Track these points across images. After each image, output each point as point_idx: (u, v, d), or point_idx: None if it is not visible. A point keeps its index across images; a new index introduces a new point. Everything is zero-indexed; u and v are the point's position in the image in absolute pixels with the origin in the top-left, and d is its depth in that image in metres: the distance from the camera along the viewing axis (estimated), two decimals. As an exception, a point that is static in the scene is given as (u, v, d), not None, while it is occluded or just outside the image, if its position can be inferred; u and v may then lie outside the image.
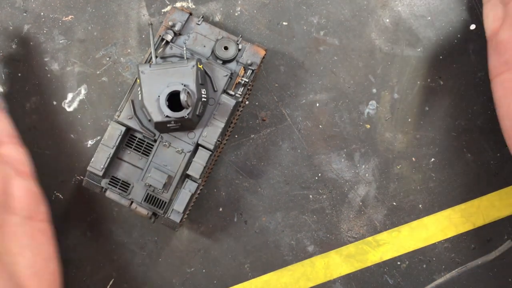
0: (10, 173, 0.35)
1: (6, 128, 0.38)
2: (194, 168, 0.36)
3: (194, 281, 0.41)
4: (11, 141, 0.37)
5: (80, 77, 0.42)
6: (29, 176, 0.37)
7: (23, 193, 0.35)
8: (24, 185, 0.35)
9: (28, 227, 0.34)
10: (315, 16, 0.42)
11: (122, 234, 0.41)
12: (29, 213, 0.35)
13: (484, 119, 0.42)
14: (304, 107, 0.42)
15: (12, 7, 0.42)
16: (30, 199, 0.35)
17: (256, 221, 0.41)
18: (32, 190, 0.36)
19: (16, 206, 0.34)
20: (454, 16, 0.42)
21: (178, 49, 0.38)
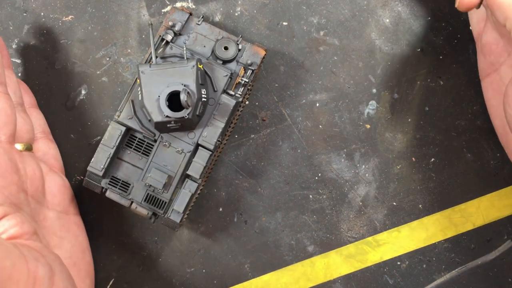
0: (46, 170, 0.36)
1: (40, 124, 0.39)
2: (194, 168, 0.36)
3: (194, 281, 0.41)
4: (45, 137, 0.39)
5: (80, 77, 0.42)
6: (61, 171, 0.39)
7: (57, 188, 0.36)
8: (58, 181, 0.37)
9: (64, 221, 0.36)
10: (315, 16, 0.42)
11: (122, 234, 0.41)
12: (64, 207, 0.37)
13: (484, 119, 0.42)
14: (304, 107, 0.42)
15: (12, 7, 0.42)
16: (64, 194, 0.37)
17: (256, 221, 0.41)
18: (65, 185, 0.37)
19: (52, 202, 0.36)
20: (454, 16, 0.42)
21: (178, 49, 0.38)
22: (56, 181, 0.36)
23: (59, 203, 0.36)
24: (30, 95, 0.40)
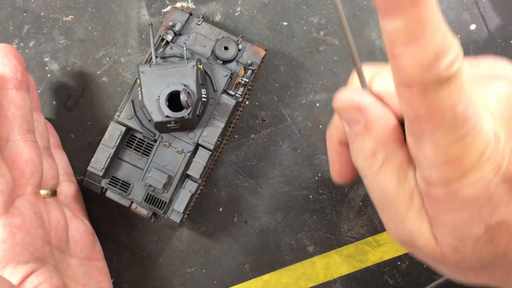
0: (69, 215, 0.35)
1: (63, 166, 0.39)
2: (194, 168, 0.36)
3: (194, 281, 0.41)
4: (68, 179, 0.38)
5: (80, 77, 0.42)
6: (84, 215, 0.38)
7: (80, 235, 0.36)
8: (81, 227, 0.36)
9: (86, 268, 0.36)
10: (315, 16, 0.42)
11: (122, 234, 0.41)
12: (87, 254, 0.36)
13: (484, 119, 0.42)
14: (304, 107, 0.42)
15: (12, 7, 0.42)
16: (87, 241, 0.36)
17: (256, 221, 0.41)
18: (88, 231, 0.37)
19: (74, 249, 0.35)
20: (454, 16, 0.42)
21: (178, 49, 0.38)
22: (79, 227, 0.36)
23: (82, 250, 0.36)
24: (54, 135, 0.40)
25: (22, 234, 0.30)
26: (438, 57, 0.18)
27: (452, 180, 0.21)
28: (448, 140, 0.21)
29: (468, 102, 0.20)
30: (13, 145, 0.32)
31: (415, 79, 0.19)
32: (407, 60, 0.19)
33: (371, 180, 0.25)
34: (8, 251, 0.30)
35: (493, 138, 0.21)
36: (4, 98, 0.32)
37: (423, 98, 0.20)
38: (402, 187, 0.24)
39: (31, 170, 0.32)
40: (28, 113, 0.33)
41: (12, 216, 0.30)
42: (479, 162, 0.21)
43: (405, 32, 0.18)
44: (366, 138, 0.24)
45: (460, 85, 0.20)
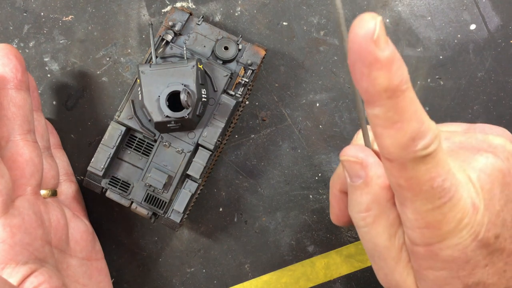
0: (69, 215, 0.36)
1: (64, 166, 0.39)
2: (194, 168, 0.36)
3: (194, 281, 0.41)
4: (68, 179, 0.38)
5: (80, 77, 0.42)
6: (84, 215, 0.38)
7: (80, 235, 0.36)
8: (81, 227, 0.36)
9: (86, 267, 0.36)
10: (315, 16, 0.42)
11: (122, 234, 0.41)
12: (87, 254, 0.36)
13: (484, 119, 0.42)
14: (304, 107, 0.42)
15: (12, 7, 0.42)
16: (86, 241, 0.36)
17: (256, 221, 0.41)
18: (88, 231, 0.37)
19: (74, 249, 0.35)
20: (454, 16, 0.42)
21: (178, 49, 0.38)
22: (79, 227, 0.36)
23: (82, 249, 0.36)
24: (55, 135, 0.40)
25: (22, 234, 0.30)
26: (414, 140, 0.21)
27: (432, 243, 0.24)
28: (426, 208, 0.23)
29: (446, 176, 0.22)
30: (13, 145, 0.32)
31: (394, 156, 0.22)
32: (386, 140, 0.21)
33: (364, 232, 0.27)
34: (7, 252, 0.30)
35: (471, 208, 0.23)
36: (4, 98, 0.32)
37: (402, 172, 0.22)
38: (392, 242, 0.26)
39: (31, 170, 0.32)
40: (29, 113, 0.33)
41: (11, 216, 0.30)
42: (457, 229, 0.23)
43: (384, 118, 0.21)
44: (363, 193, 0.26)
45: (438, 162, 0.22)
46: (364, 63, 0.20)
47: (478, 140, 0.26)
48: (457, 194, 0.23)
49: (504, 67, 0.42)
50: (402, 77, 0.20)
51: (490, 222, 0.24)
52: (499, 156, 0.25)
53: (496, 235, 0.24)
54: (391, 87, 0.20)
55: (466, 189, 0.24)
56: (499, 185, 0.24)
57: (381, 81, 0.20)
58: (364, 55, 0.20)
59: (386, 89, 0.20)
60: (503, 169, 0.25)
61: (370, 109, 0.21)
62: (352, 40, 0.20)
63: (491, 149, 0.25)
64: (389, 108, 0.20)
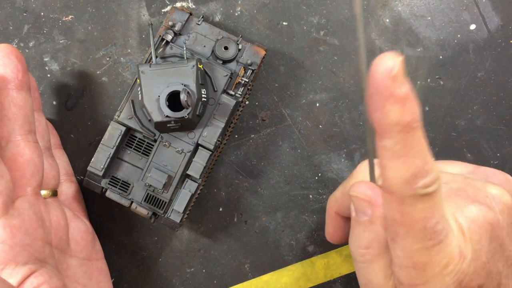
0: (70, 215, 0.36)
1: (64, 166, 0.39)
2: (194, 168, 0.36)
3: (194, 281, 0.41)
4: (68, 179, 0.38)
5: (80, 77, 0.42)
6: (84, 215, 0.38)
7: (80, 235, 0.36)
8: (81, 227, 0.36)
9: (86, 268, 0.36)
10: (315, 16, 0.42)
11: (122, 234, 0.41)
12: (87, 254, 0.36)
13: (484, 119, 0.42)
14: (304, 107, 0.42)
15: (12, 7, 0.42)
16: (87, 241, 0.36)
17: (256, 221, 0.41)
18: (88, 231, 0.37)
19: (75, 249, 0.35)
20: (454, 16, 0.42)
21: (178, 49, 0.38)
22: (79, 227, 0.36)
23: (82, 250, 0.36)
24: (55, 135, 0.40)
25: (22, 234, 0.30)
26: (416, 177, 0.22)
27: (416, 284, 0.24)
28: (416, 247, 0.24)
29: (439, 219, 0.23)
30: (14, 145, 0.32)
31: (395, 189, 0.23)
32: (390, 173, 0.23)
33: (361, 268, 0.27)
34: (7, 252, 0.29)
35: (458, 256, 0.24)
36: (5, 98, 0.32)
37: (399, 206, 0.23)
38: (387, 283, 0.27)
39: (31, 170, 0.32)
40: (29, 114, 0.33)
41: (11, 217, 0.30)
42: (441, 274, 0.24)
43: (392, 150, 0.22)
44: (366, 230, 0.26)
45: (435, 204, 0.23)
46: (381, 96, 0.21)
47: (476, 189, 0.27)
48: (446, 239, 0.24)
49: (504, 67, 0.42)
50: (413, 116, 0.22)
51: (475, 272, 0.24)
52: (493, 208, 0.26)
53: (479, 285, 0.25)
54: (402, 122, 0.21)
55: (456, 237, 0.24)
56: (488, 238, 0.25)
57: (393, 115, 0.21)
58: (381, 89, 0.21)
59: (397, 124, 0.21)
60: (494, 222, 0.25)
61: (380, 140, 0.22)
62: (373, 74, 0.22)
63: (487, 200, 0.26)
64: (397, 141, 0.22)
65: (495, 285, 0.25)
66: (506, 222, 0.26)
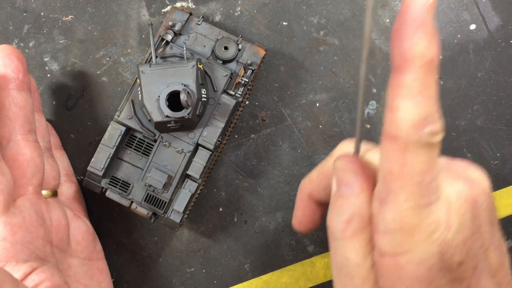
0: (70, 216, 0.36)
1: (64, 166, 0.39)
2: (194, 168, 0.36)
3: (194, 281, 0.41)
4: (68, 180, 0.38)
5: (80, 77, 0.42)
6: (85, 215, 0.38)
7: (81, 235, 0.36)
8: (82, 227, 0.36)
9: (87, 267, 0.36)
10: (315, 16, 0.42)
11: (122, 234, 0.41)
12: (88, 254, 0.36)
13: (484, 119, 0.42)
14: (304, 107, 0.42)
15: (12, 7, 0.42)
16: (87, 241, 0.36)
17: (256, 221, 0.41)
18: (89, 231, 0.37)
19: (75, 249, 0.35)
20: (454, 16, 0.42)
21: (178, 49, 0.38)
22: (80, 227, 0.36)
23: (83, 250, 0.36)
24: (54, 135, 0.40)
25: (23, 232, 0.30)
26: (426, 121, 0.22)
27: (400, 252, 0.24)
28: (407, 205, 0.23)
29: (435, 177, 0.23)
30: (15, 145, 0.32)
31: (402, 133, 0.22)
32: (400, 113, 0.22)
33: (338, 245, 0.27)
34: (8, 249, 0.30)
35: (445, 224, 0.24)
36: (6, 98, 0.33)
37: (401, 155, 0.23)
38: (365, 261, 0.26)
39: (32, 170, 0.32)
40: (30, 114, 0.33)
41: (12, 215, 0.30)
42: (427, 241, 0.23)
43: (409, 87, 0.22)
44: (349, 203, 0.26)
45: (433, 159, 0.23)
46: (414, 24, 0.21)
47: (459, 168, 0.27)
48: (437, 202, 0.23)
49: (504, 67, 0.42)
50: (436, 54, 0.21)
51: (457, 246, 0.24)
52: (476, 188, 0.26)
53: (460, 262, 0.24)
54: (427, 55, 0.21)
55: (445, 204, 0.24)
56: (471, 214, 0.25)
57: (421, 45, 0.21)
58: (416, 17, 0.21)
59: (422, 56, 0.21)
60: (477, 201, 0.25)
61: (399, 75, 0.22)
62: (407, 2, 0.21)
63: (470, 181, 0.26)
64: (417, 77, 0.21)
65: (472, 266, 0.25)
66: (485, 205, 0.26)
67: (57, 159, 0.38)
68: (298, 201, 0.33)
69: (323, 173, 0.30)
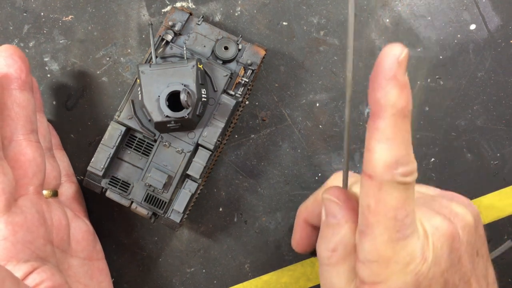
0: (70, 216, 0.36)
1: (64, 166, 0.39)
2: (194, 168, 0.36)
3: (194, 281, 0.41)
4: (69, 180, 0.39)
5: (80, 77, 0.42)
6: (85, 215, 0.38)
7: (81, 235, 0.36)
8: (82, 227, 0.36)
9: (87, 268, 0.36)
10: (315, 16, 0.42)
11: (122, 234, 0.41)
12: (88, 254, 0.36)
13: (484, 119, 0.42)
14: (304, 107, 0.42)
15: (12, 7, 0.42)
16: (88, 241, 0.36)
17: (256, 221, 0.41)
18: (89, 231, 0.37)
19: (76, 249, 0.35)
20: (454, 16, 0.42)
21: (178, 49, 0.38)
22: (80, 227, 0.36)
23: (83, 250, 0.36)
24: (55, 135, 0.40)
25: (24, 232, 0.30)
26: (397, 163, 0.24)
27: (377, 281, 0.25)
28: (383, 239, 0.25)
29: (408, 214, 0.25)
30: (16, 144, 0.32)
31: (376, 172, 0.24)
32: (376, 155, 0.24)
33: (325, 270, 0.29)
34: (9, 249, 0.30)
35: (420, 256, 0.25)
36: (8, 98, 0.33)
37: (377, 192, 0.24)
38: (348, 286, 0.28)
39: (33, 170, 0.32)
40: (32, 114, 0.33)
41: (14, 214, 0.30)
42: (402, 272, 0.25)
43: (381, 132, 0.24)
44: (334, 233, 0.28)
45: (408, 196, 0.25)
46: (385, 77, 0.23)
47: (442, 205, 0.29)
48: (412, 236, 0.25)
49: (504, 67, 0.42)
50: (408, 104, 0.24)
51: (433, 278, 0.25)
52: (455, 222, 0.27)
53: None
54: (397, 105, 0.23)
55: (421, 239, 0.25)
56: (449, 248, 0.26)
57: (392, 96, 0.23)
58: (387, 71, 0.23)
59: (393, 105, 0.23)
60: (455, 235, 0.27)
61: (373, 121, 0.24)
62: (380, 58, 0.24)
63: (451, 215, 0.27)
64: (389, 124, 0.24)
65: None
66: (466, 239, 0.27)
67: (58, 159, 0.38)
68: (296, 225, 0.35)
69: (317, 201, 0.32)
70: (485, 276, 0.29)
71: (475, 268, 0.28)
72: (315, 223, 0.33)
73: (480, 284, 0.28)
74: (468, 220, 0.28)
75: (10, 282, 0.25)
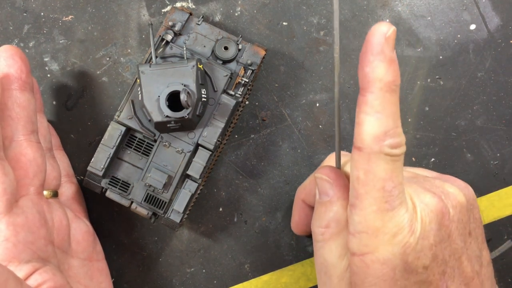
0: (71, 216, 0.36)
1: (64, 167, 0.39)
2: (194, 168, 0.36)
3: (194, 281, 0.41)
4: (69, 180, 0.39)
5: (80, 77, 0.42)
6: (85, 216, 0.38)
7: (81, 236, 0.36)
8: (82, 228, 0.36)
9: (87, 268, 0.36)
10: (315, 16, 0.42)
11: (122, 234, 0.41)
12: (88, 254, 0.36)
13: (484, 119, 0.42)
14: (304, 107, 0.42)
15: (12, 7, 0.42)
16: (88, 241, 0.36)
17: (256, 221, 0.41)
18: (89, 231, 0.37)
19: (76, 249, 0.35)
20: (454, 16, 0.42)
21: (178, 49, 0.38)
22: (81, 228, 0.36)
23: (83, 250, 0.36)
24: (55, 136, 0.40)
25: (25, 233, 0.30)
26: (385, 135, 0.25)
27: (366, 252, 0.26)
28: (371, 209, 0.25)
29: (396, 185, 0.25)
30: (17, 145, 0.32)
31: (365, 144, 0.25)
32: (364, 127, 0.25)
33: (319, 246, 0.30)
34: (10, 250, 0.30)
35: (408, 228, 0.26)
36: (9, 98, 0.33)
37: (365, 163, 0.25)
38: (340, 262, 0.29)
39: (34, 170, 0.32)
40: (32, 114, 0.33)
41: (15, 215, 0.30)
42: (390, 242, 0.26)
43: (370, 105, 0.25)
44: (327, 210, 0.29)
45: (395, 169, 0.25)
46: (373, 52, 0.24)
47: (434, 185, 0.29)
48: (400, 208, 0.26)
49: (504, 67, 0.42)
50: (395, 78, 0.24)
51: (422, 251, 0.26)
52: (445, 200, 0.28)
53: (424, 265, 0.26)
54: (385, 79, 0.24)
55: (409, 211, 0.26)
56: (438, 223, 0.27)
57: (379, 70, 0.24)
58: (374, 46, 0.24)
59: (380, 80, 0.24)
60: (445, 212, 0.27)
61: (362, 95, 0.25)
62: (369, 34, 0.24)
63: (442, 194, 0.28)
64: (377, 97, 0.24)
65: (440, 271, 0.27)
66: (457, 217, 0.28)
67: (58, 159, 0.38)
68: (295, 206, 0.36)
69: (314, 182, 0.33)
70: (478, 257, 0.29)
71: (467, 248, 0.28)
72: (312, 204, 0.34)
73: (472, 264, 0.28)
74: (460, 199, 0.28)
75: (13, 282, 0.25)
